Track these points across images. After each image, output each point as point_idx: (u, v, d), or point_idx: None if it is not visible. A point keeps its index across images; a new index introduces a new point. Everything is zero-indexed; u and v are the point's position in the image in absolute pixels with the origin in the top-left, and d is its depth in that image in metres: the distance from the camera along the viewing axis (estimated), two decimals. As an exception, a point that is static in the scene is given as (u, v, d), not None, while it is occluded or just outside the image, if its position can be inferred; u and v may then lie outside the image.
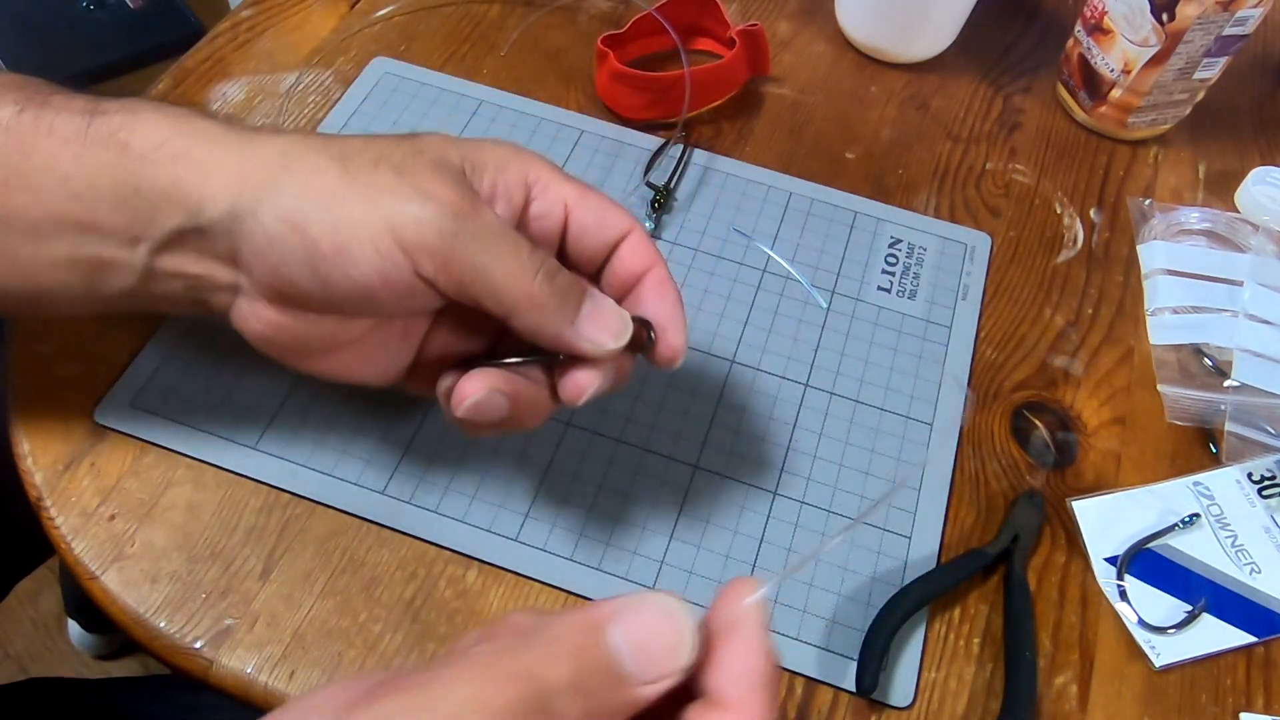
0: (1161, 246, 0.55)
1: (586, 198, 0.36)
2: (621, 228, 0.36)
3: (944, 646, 0.42)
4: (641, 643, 0.23)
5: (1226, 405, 0.49)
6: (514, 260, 0.32)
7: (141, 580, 0.40)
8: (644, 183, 0.55)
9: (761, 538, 0.44)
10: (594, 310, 0.34)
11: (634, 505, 0.44)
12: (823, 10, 0.66)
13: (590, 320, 0.33)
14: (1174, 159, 0.61)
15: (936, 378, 0.50)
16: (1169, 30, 0.53)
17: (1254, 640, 0.43)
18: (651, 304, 0.36)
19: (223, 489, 0.43)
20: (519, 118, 0.58)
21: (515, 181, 0.35)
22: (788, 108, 0.61)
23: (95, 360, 0.46)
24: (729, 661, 0.23)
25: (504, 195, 0.34)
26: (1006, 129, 0.61)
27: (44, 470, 0.43)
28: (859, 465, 0.46)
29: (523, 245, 0.32)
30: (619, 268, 0.36)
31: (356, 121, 0.56)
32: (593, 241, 0.36)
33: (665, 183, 0.55)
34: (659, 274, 0.36)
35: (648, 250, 0.36)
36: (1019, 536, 0.44)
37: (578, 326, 0.33)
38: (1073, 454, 0.48)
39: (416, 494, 0.44)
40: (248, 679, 0.39)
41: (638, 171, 0.56)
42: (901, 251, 0.54)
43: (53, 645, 1.12)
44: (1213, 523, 0.46)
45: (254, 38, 0.60)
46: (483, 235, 0.32)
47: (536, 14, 0.64)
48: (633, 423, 0.47)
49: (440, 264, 0.31)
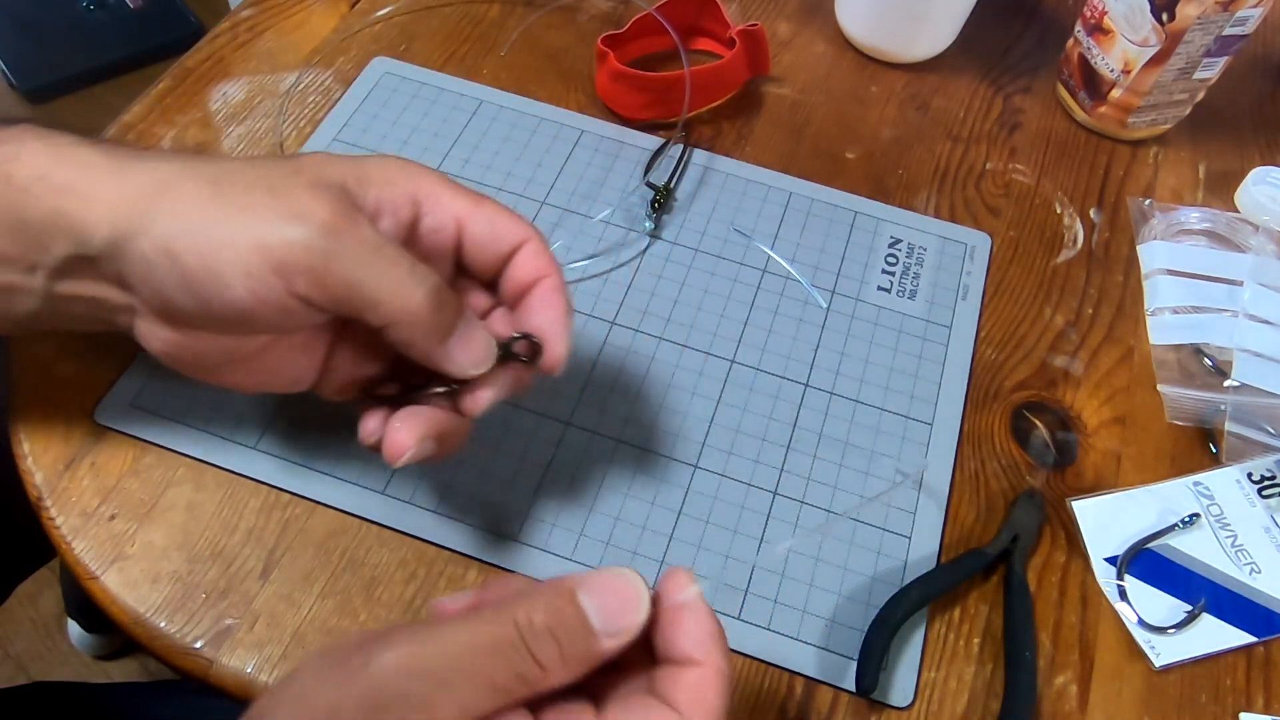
0: (1161, 246, 0.55)
1: (480, 209, 0.36)
2: (516, 237, 0.37)
3: (944, 646, 0.42)
4: (606, 602, 0.27)
5: (1226, 405, 0.49)
6: (391, 275, 0.33)
7: (141, 580, 0.40)
8: (644, 183, 0.55)
9: (761, 538, 0.44)
10: (464, 334, 0.35)
11: (634, 505, 0.44)
12: (823, 10, 0.66)
13: (459, 343, 0.34)
14: (1174, 159, 0.61)
15: (936, 378, 0.50)
16: (1169, 30, 0.53)
17: (1254, 640, 0.43)
18: (538, 314, 0.37)
19: (223, 489, 0.43)
20: (519, 118, 0.58)
21: (402, 197, 0.35)
22: (788, 108, 0.61)
23: (95, 360, 0.46)
24: (687, 629, 0.28)
25: (390, 210, 0.35)
26: (1006, 129, 0.61)
27: (44, 470, 0.43)
28: (859, 465, 0.46)
29: (402, 260, 0.33)
30: (514, 276, 0.37)
31: (357, 121, 0.57)
32: (488, 252, 0.37)
33: (665, 183, 0.55)
34: (550, 284, 0.37)
35: (542, 260, 0.37)
36: (1019, 536, 0.44)
37: (448, 348, 0.34)
38: (1073, 454, 0.48)
39: (416, 494, 0.44)
40: (248, 679, 0.39)
41: (638, 171, 0.56)
42: (901, 251, 0.54)
43: (53, 645, 1.12)
44: (1213, 523, 0.46)
45: (254, 38, 0.61)
46: (359, 251, 0.32)
47: (536, 14, 0.64)
48: (632, 423, 0.47)
49: (314, 281, 0.32)
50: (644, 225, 0.53)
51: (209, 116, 0.56)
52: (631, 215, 0.54)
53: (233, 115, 0.56)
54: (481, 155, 0.56)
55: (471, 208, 0.36)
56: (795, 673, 0.41)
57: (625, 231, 0.54)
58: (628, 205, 0.54)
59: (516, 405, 0.46)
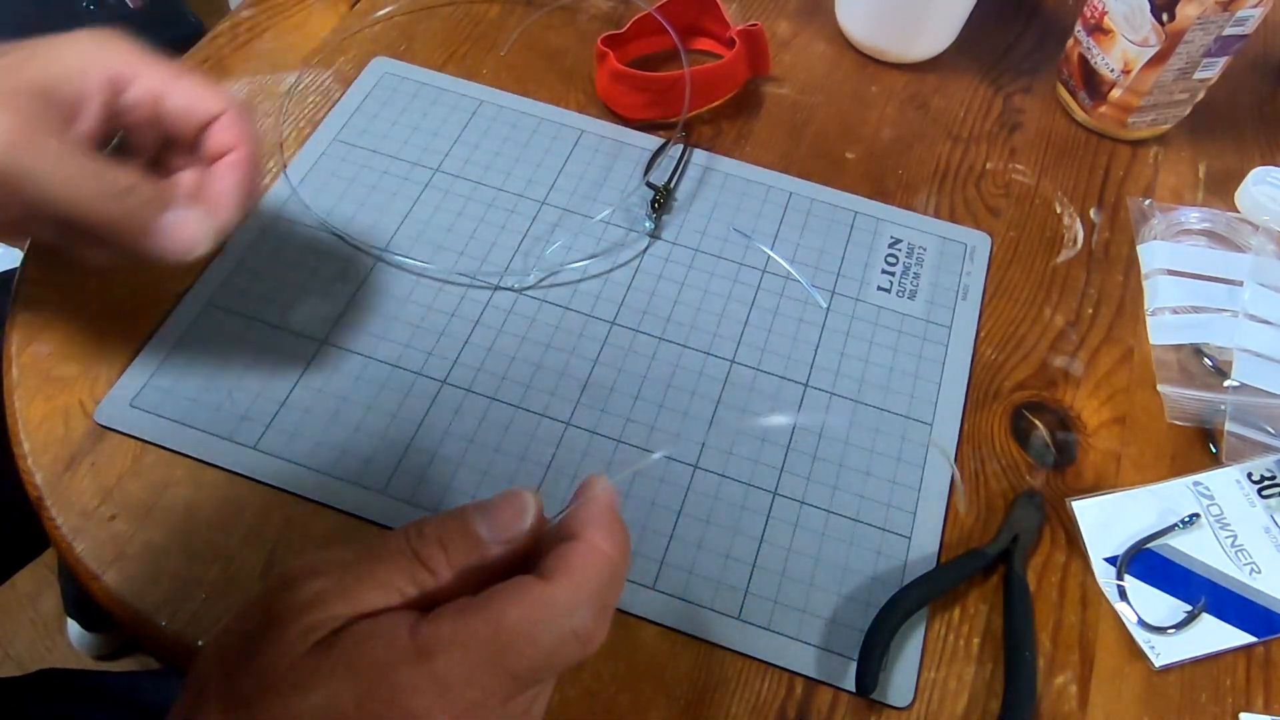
0: (1161, 246, 0.55)
1: (178, 84, 0.39)
2: (212, 109, 0.39)
3: (944, 646, 0.42)
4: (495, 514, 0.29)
5: (1226, 405, 0.49)
6: (80, 186, 0.35)
7: (142, 580, 0.40)
8: (644, 183, 0.55)
9: (761, 538, 0.44)
10: (171, 223, 0.37)
11: (634, 505, 0.44)
12: (823, 10, 0.66)
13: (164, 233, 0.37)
14: (1174, 159, 0.61)
15: (936, 378, 0.50)
16: (1169, 30, 0.53)
17: (1254, 640, 0.43)
18: (216, 183, 0.40)
19: (223, 489, 0.43)
20: (519, 118, 0.58)
21: (96, 83, 0.37)
22: (788, 108, 0.61)
23: (95, 360, 0.46)
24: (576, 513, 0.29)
25: (87, 98, 0.37)
26: (1006, 129, 0.61)
27: (44, 470, 0.43)
28: (859, 465, 0.46)
29: (88, 168, 0.35)
30: (209, 145, 0.40)
31: (357, 121, 0.56)
32: (186, 122, 0.40)
33: (665, 182, 0.55)
34: (238, 156, 0.40)
35: (232, 133, 0.40)
36: (1019, 536, 0.44)
37: (151, 240, 0.37)
38: (1073, 454, 0.48)
39: (416, 494, 0.44)
40: (248, 679, 0.39)
41: (637, 171, 0.56)
42: (901, 251, 0.54)
43: (53, 645, 1.12)
44: (1213, 523, 0.46)
45: (254, 38, 0.60)
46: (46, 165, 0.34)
47: (536, 14, 0.64)
48: (633, 422, 0.47)
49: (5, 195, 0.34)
50: (644, 225, 0.53)
51: (209, 116, 0.56)
52: (632, 215, 0.54)
53: None
54: (481, 155, 0.56)
55: (169, 81, 0.39)
56: (795, 673, 0.41)
57: (625, 231, 0.54)
58: (628, 205, 0.54)
59: (516, 405, 0.46)
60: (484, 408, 0.46)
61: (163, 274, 0.49)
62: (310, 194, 0.53)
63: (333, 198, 0.53)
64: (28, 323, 0.47)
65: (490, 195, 0.54)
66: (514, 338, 0.49)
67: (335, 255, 0.51)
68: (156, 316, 0.48)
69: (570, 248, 0.53)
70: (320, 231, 0.52)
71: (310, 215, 0.52)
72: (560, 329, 0.49)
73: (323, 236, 0.52)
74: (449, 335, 0.49)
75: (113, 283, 0.49)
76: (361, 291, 0.50)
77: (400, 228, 0.52)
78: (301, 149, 0.55)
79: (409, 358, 0.48)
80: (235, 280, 0.49)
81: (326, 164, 0.55)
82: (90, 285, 0.48)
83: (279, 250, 0.51)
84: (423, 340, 0.48)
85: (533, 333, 0.49)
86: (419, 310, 0.49)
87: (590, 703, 0.39)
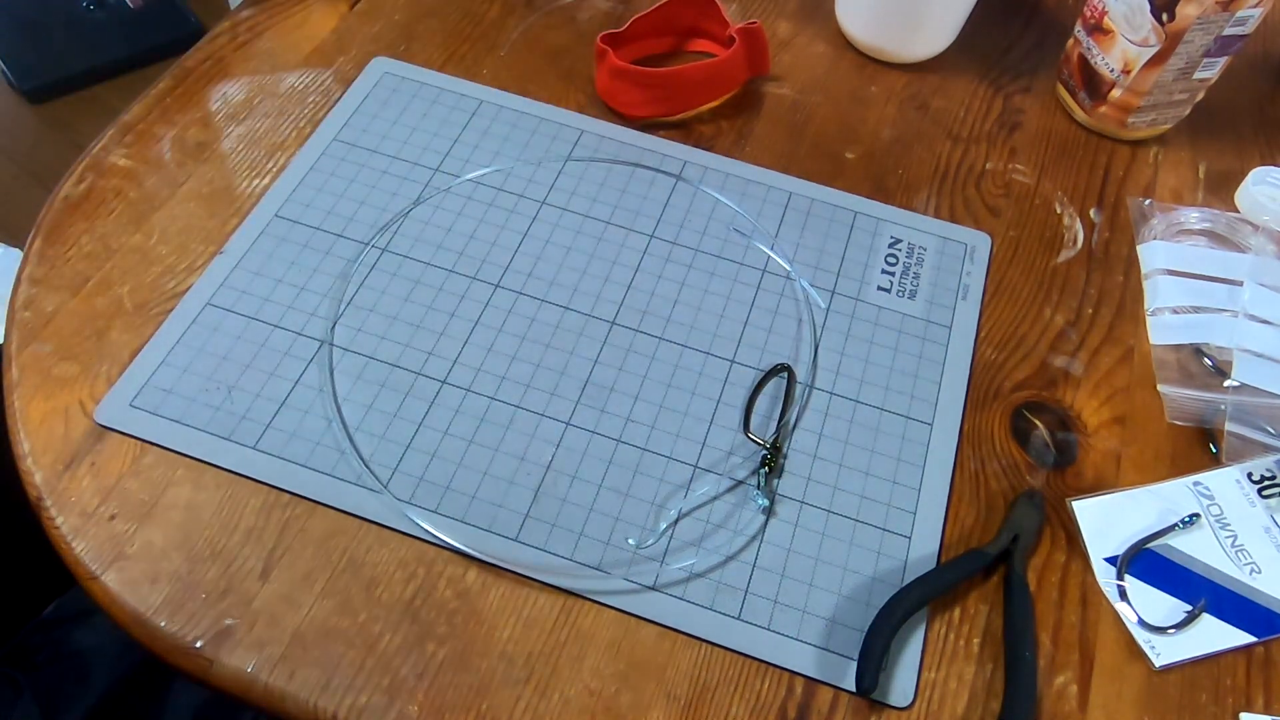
0: (1161, 246, 0.55)
1: None
2: None
3: (944, 646, 0.42)
4: None
5: (1226, 405, 0.49)
6: None
7: (141, 580, 0.40)
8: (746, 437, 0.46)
9: (762, 538, 0.44)
10: None
11: (634, 505, 0.44)
12: (823, 10, 0.66)
13: None
14: (1174, 159, 0.61)
15: (936, 378, 0.50)
16: (1169, 30, 0.53)
17: (1254, 640, 0.43)
18: None
19: (223, 489, 0.43)
20: (519, 117, 0.58)
21: None
22: (787, 108, 0.61)
23: (95, 360, 0.46)
24: None
25: None
26: (1006, 129, 0.61)
27: (44, 470, 0.43)
28: (859, 465, 0.46)
29: None
30: None
31: (356, 121, 0.56)
32: None
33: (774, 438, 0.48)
34: None
35: None
36: (1019, 536, 0.44)
37: None
38: (1073, 454, 0.48)
39: (416, 494, 0.44)
40: (248, 679, 0.39)
41: (634, 176, 0.56)
42: (901, 251, 0.54)
43: (53, 645, 1.12)
44: (1213, 523, 0.46)
45: (254, 38, 0.60)
46: None
47: (536, 14, 0.64)
48: (633, 423, 0.47)
49: None
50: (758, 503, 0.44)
51: (209, 116, 0.56)
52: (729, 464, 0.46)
53: (233, 115, 0.56)
54: (481, 155, 0.56)
55: None
56: (795, 673, 0.41)
57: (625, 233, 0.54)
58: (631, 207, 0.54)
59: (516, 405, 0.46)
60: (484, 408, 0.46)
61: (163, 274, 0.49)
62: (310, 194, 0.53)
63: (332, 197, 0.53)
64: (28, 323, 0.47)
65: (490, 195, 0.54)
66: (514, 338, 0.49)
67: (335, 255, 0.51)
68: (156, 316, 0.48)
69: (571, 247, 0.52)
70: (320, 231, 0.52)
71: (310, 215, 0.52)
72: (560, 329, 0.49)
73: (322, 236, 0.52)
74: (449, 335, 0.49)
75: (113, 283, 0.49)
76: (361, 292, 0.50)
77: (400, 227, 0.52)
78: (301, 149, 0.55)
79: (409, 357, 0.48)
80: (235, 280, 0.49)
81: (326, 164, 0.55)
82: (90, 285, 0.48)
83: (279, 250, 0.51)
84: (423, 340, 0.48)
85: (533, 333, 0.49)
86: (419, 310, 0.49)
87: (590, 702, 0.39)
